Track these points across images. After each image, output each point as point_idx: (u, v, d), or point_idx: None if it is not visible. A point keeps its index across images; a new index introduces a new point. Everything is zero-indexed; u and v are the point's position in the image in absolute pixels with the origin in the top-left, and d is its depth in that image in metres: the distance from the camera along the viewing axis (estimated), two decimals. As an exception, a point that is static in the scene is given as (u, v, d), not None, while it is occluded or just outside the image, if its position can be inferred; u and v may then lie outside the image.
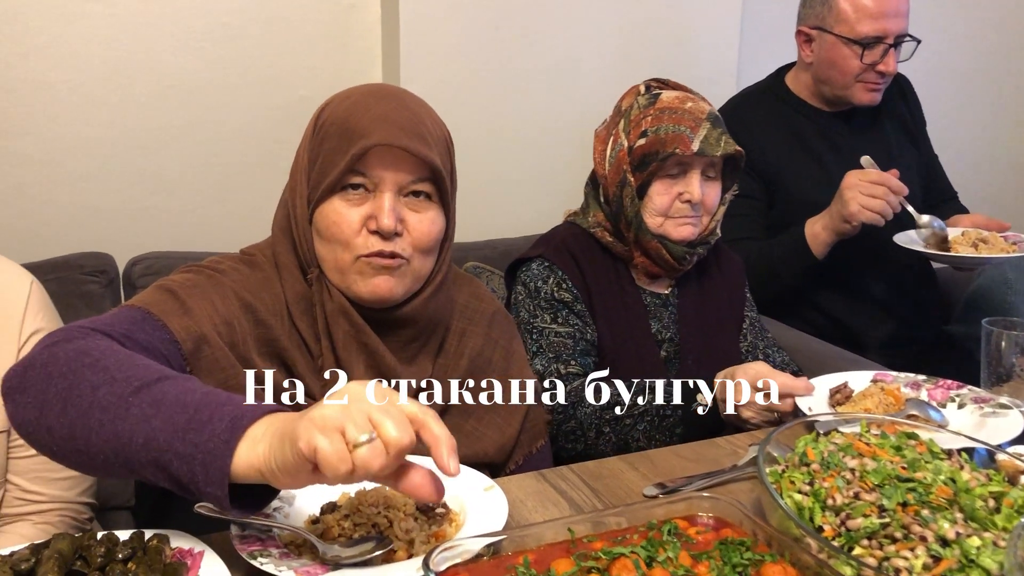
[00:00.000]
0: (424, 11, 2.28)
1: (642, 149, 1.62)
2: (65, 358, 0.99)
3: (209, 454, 0.87)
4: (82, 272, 1.92)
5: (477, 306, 1.43)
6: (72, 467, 1.01)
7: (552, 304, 1.64)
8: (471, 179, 2.42)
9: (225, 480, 0.87)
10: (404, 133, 1.19)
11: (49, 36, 2.09)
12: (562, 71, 2.48)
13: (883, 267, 2.27)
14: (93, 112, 2.16)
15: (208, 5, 2.21)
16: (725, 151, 1.61)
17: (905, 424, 1.22)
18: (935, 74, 3.05)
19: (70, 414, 0.94)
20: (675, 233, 1.64)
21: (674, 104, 1.63)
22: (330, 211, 1.21)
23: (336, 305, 1.23)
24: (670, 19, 2.56)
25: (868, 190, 1.97)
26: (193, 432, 0.89)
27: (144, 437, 0.90)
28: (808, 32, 2.25)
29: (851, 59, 2.17)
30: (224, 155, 2.30)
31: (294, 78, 2.32)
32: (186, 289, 1.18)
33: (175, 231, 2.27)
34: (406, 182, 1.21)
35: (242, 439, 0.88)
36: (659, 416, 1.50)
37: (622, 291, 1.70)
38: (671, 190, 1.63)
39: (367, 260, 1.20)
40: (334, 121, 1.23)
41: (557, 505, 1.17)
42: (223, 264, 1.27)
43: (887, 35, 2.15)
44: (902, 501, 0.99)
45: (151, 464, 0.90)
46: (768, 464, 1.10)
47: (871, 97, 2.23)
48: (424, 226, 1.23)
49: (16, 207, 2.14)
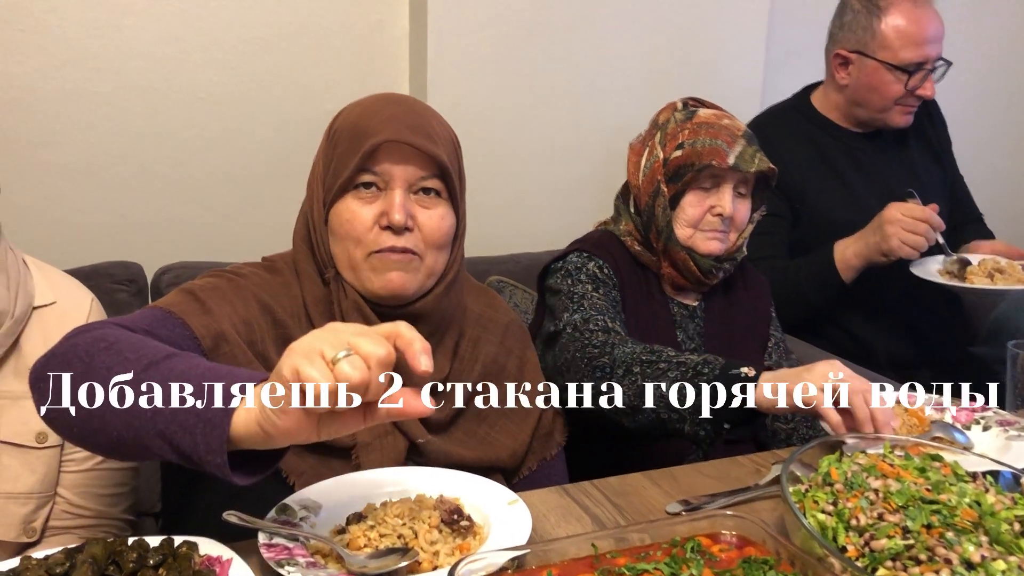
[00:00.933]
0: (451, 27, 2.31)
1: (678, 160, 1.64)
2: (83, 345, 1.03)
3: (208, 423, 0.91)
4: (112, 281, 1.95)
5: (492, 315, 1.47)
6: (92, 449, 1.05)
7: (594, 279, 1.64)
8: (496, 193, 2.45)
9: (223, 447, 0.90)
10: (411, 131, 1.25)
11: (83, 48, 2.13)
12: (588, 88, 2.49)
13: (907, 288, 2.26)
14: (124, 123, 2.20)
15: (239, 20, 2.24)
16: (759, 168, 1.62)
17: (929, 446, 1.22)
18: (961, 94, 3.05)
19: (88, 395, 0.98)
20: (703, 246, 1.65)
21: (711, 120, 1.66)
22: (343, 209, 1.27)
23: (351, 302, 1.28)
24: (695, 38, 2.57)
25: (910, 226, 1.96)
26: (196, 402, 0.92)
27: (152, 411, 0.94)
28: (846, 55, 2.24)
29: (893, 84, 2.18)
30: (252, 167, 2.33)
31: (322, 92, 2.34)
32: (206, 291, 1.24)
33: (203, 241, 2.30)
34: (415, 178, 1.26)
35: (239, 408, 0.90)
36: (694, 370, 1.37)
37: (651, 298, 1.71)
38: (703, 202, 1.65)
39: (380, 256, 1.25)
40: (346, 127, 1.29)
41: (580, 520, 1.17)
42: (244, 269, 1.33)
43: (928, 61, 2.16)
44: (926, 523, 0.99)
45: (158, 437, 0.93)
46: (791, 483, 1.11)
47: (906, 120, 2.25)
48: (434, 221, 1.28)
49: (48, 216, 2.18)
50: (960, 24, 3.02)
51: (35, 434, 1.33)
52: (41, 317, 1.38)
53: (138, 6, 2.15)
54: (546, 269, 1.73)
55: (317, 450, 1.22)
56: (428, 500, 1.10)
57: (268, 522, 1.05)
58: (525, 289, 2.17)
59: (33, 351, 1.35)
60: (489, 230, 2.46)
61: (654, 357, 1.42)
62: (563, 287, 1.63)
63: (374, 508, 1.09)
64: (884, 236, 1.98)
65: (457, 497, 1.12)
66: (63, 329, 1.36)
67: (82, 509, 1.38)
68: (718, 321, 1.75)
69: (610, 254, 1.69)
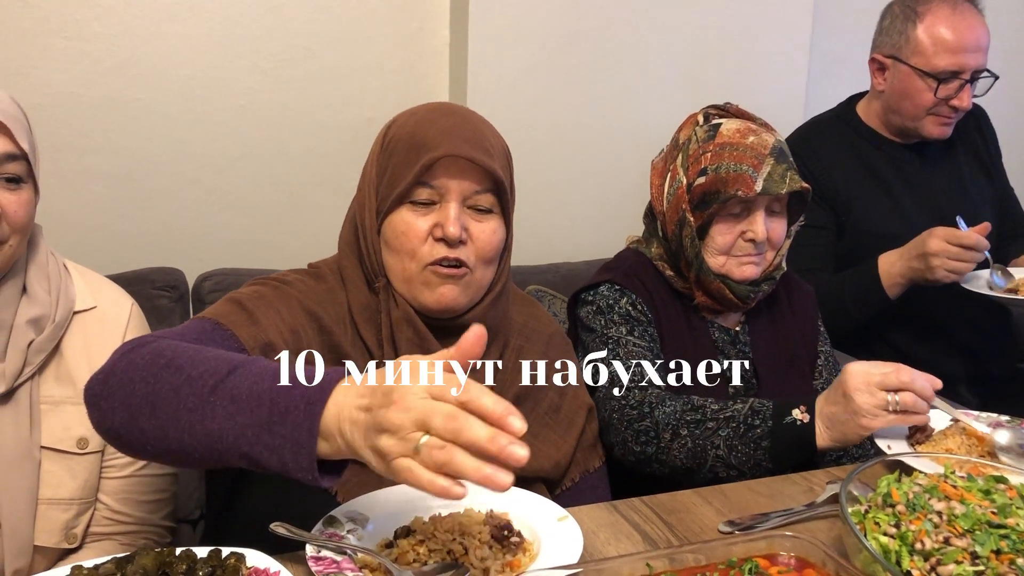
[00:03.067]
0: (492, 34, 2.30)
1: (702, 188, 1.55)
2: (143, 363, 1.03)
3: (296, 444, 0.93)
4: (153, 287, 1.95)
5: (535, 326, 1.46)
6: (162, 462, 1.07)
7: (627, 319, 1.57)
8: (535, 202, 2.44)
9: (314, 465, 0.92)
10: (469, 145, 1.24)
11: (127, 56, 2.14)
12: (629, 97, 2.47)
13: (954, 302, 2.21)
14: (167, 130, 2.21)
15: (280, 27, 2.25)
16: (791, 188, 1.52)
17: (991, 466, 1.19)
18: (1012, 104, 2.99)
19: (160, 416, 0.99)
20: (737, 273, 1.58)
21: (735, 139, 1.55)
22: (398, 221, 1.26)
23: (401, 313, 1.27)
24: (739, 47, 2.54)
25: (955, 255, 1.92)
26: (276, 424, 0.94)
27: (233, 435, 0.96)
28: (882, 60, 2.20)
29: (925, 92, 2.12)
30: (292, 174, 2.33)
31: (362, 100, 2.34)
32: (253, 301, 1.24)
33: (244, 248, 2.30)
34: (470, 192, 1.26)
35: (320, 429, 0.92)
36: (745, 424, 1.38)
37: (689, 324, 1.64)
38: (733, 229, 1.56)
39: (433, 269, 1.25)
40: (401, 137, 1.28)
41: (630, 538, 1.15)
42: (289, 276, 1.33)
43: (964, 70, 2.09)
44: (995, 548, 0.96)
45: (243, 458, 0.96)
46: (849, 503, 1.07)
47: (941, 131, 2.17)
48: (487, 235, 1.28)
49: (91, 222, 2.19)
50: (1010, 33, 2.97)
51: (76, 440, 1.33)
52: (82, 322, 1.38)
53: (181, 14, 2.16)
54: (576, 298, 1.66)
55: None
56: (477, 515, 1.08)
57: (315, 534, 1.04)
58: (564, 299, 2.15)
59: (74, 356, 1.35)
60: (529, 239, 2.44)
61: (699, 416, 1.40)
62: (596, 326, 1.58)
63: (423, 522, 1.07)
64: (929, 267, 1.94)
65: (506, 512, 1.10)
66: (104, 334, 1.37)
67: (123, 515, 1.38)
68: (764, 346, 1.66)
69: (643, 284, 1.62)
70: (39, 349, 1.31)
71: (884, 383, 1.29)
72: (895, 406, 1.29)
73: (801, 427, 1.34)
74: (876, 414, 1.28)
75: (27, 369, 1.30)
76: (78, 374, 1.33)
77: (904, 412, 1.29)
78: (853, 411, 1.29)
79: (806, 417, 1.34)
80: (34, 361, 1.30)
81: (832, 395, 1.34)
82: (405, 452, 0.85)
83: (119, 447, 1.07)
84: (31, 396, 1.30)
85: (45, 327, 1.32)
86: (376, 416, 0.88)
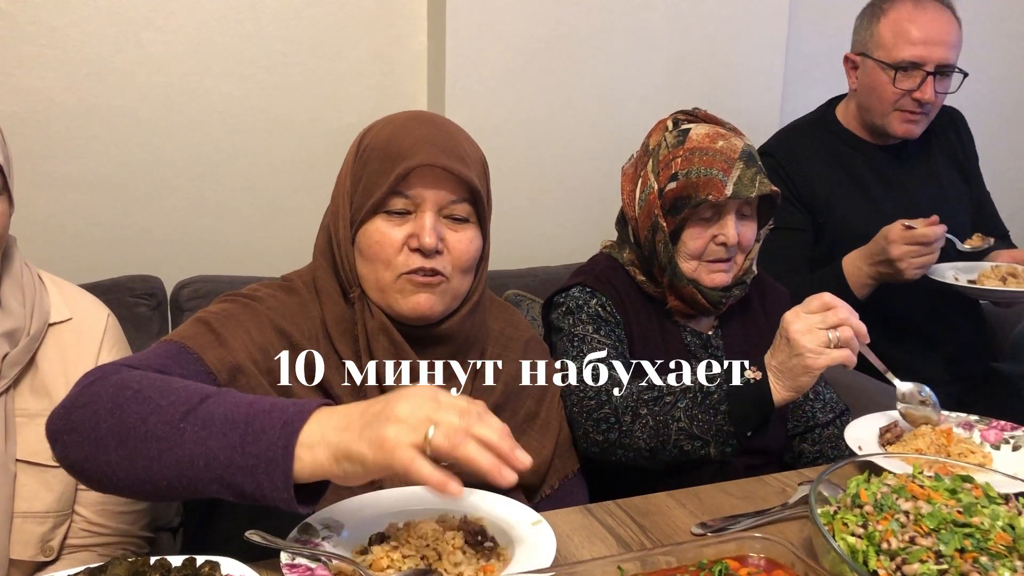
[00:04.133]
0: (469, 41, 2.31)
1: (673, 193, 1.57)
2: (107, 395, 1.02)
3: (271, 462, 0.93)
4: (131, 295, 1.95)
5: (513, 333, 1.47)
6: (133, 496, 1.05)
7: (595, 319, 1.58)
8: (513, 207, 2.45)
9: (290, 484, 0.93)
10: (444, 154, 1.24)
11: (102, 63, 2.14)
12: (605, 102, 2.49)
13: (927, 303, 2.24)
14: (144, 137, 2.21)
15: (258, 34, 2.25)
16: (760, 191, 1.54)
17: (959, 466, 1.20)
18: (988, 110, 3.02)
19: (127, 447, 0.98)
20: (708, 281, 1.59)
21: (704, 143, 1.57)
22: (373, 231, 1.25)
23: (377, 323, 1.26)
24: (714, 51, 2.56)
25: (917, 253, 1.95)
26: (250, 444, 0.94)
27: (205, 459, 0.95)
28: (853, 58, 2.24)
29: (887, 85, 2.14)
30: (271, 180, 2.34)
31: (341, 106, 2.35)
32: (221, 320, 1.22)
33: (223, 255, 2.30)
34: (446, 202, 1.26)
35: (298, 444, 0.94)
36: (702, 392, 1.38)
37: (661, 328, 1.65)
38: (705, 233, 1.58)
39: (408, 278, 1.24)
40: (376, 145, 1.27)
41: (604, 541, 1.16)
42: (260, 292, 1.31)
43: (925, 62, 2.11)
44: (959, 547, 0.97)
45: (215, 482, 0.95)
46: (819, 504, 1.09)
47: (907, 129, 2.18)
48: (463, 244, 1.28)
49: (67, 230, 2.19)
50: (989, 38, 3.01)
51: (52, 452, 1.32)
52: (57, 333, 1.37)
53: (158, 21, 2.16)
54: (550, 302, 1.68)
55: None
56: (452, 520, 1.09)
57: (290, 542, 1.05)
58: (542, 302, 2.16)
59: (49, 368, 1.34)
60: (507, 244, 2.45)
61: (656, 393, 1.41)
62: (564, 325, 1.59)
63: (397, 528, 1.08)
64: (898, 271, 1.98)
65: (481, 517, 1.11)
66: (80, 346, 1.37)
67: (100, 527, 1.37)
68: (737, 349, 1.67)
69: (614, 288, 1.63)
70: (14, 362, 1.30)
71: (824, 321, 1.30)
72: (836, 342, 1.29)
73: (755, 385, 1.34)
74: (820, 352, 1.28)
75: (2, 382, 1.29)
76: (54, 386, 1.33)
77: (847, 347, 1.30)
78: (798, 354, 1.29)
79: (758, 375, 1.35)
80: (9, 374, 1.29)
81: (776, 345, 1.35)
82: (414, 441, 0.90)
83: (85, 482, 1.04)
84: (6, 409, 1.29)
85: (20, 340, 1.31)
86: (385, 409, 0.92)
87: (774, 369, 1.34)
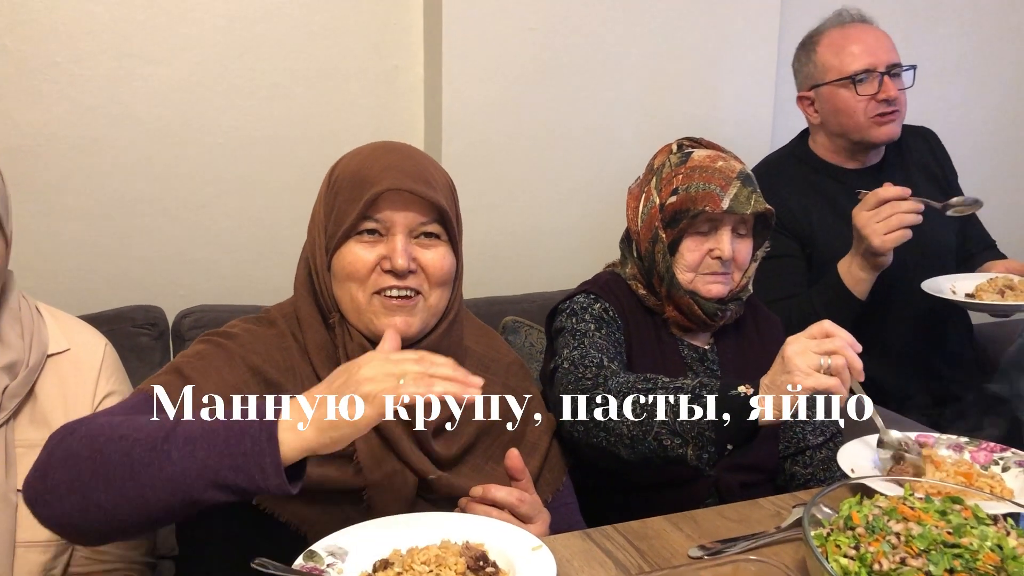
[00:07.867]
0: (465, 71, 2.35)
1: (673, 206, 1.64)
2: (81, 446, 1.05)
3: (259, 454, 0.99)
4: (133, 325, 1.97)
5: (495, 356, 1.50)
6: (127, 535, 1.10)
7: (598, 320, 1.63)
8: (511, 234, 2.48)
9: (281, 470, 1.00)
10: (410, 178, 1.29)
11: (103, 96, 2.18)
12: (601, 129, 2.53)
13: (919, 324, 2.27)
14: (144, 168, 2.24)
15: (258, 66, 2.29)
16: (755, 209, 1.61)
17: (949, 488, 1.23)
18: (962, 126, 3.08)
19: (116, 485, 1.01)
20: (704, 291, 1.65)
21: (705, 163, 1.65)
22: (346, 253, 1.30)
23: (356, 345, 1.30)
24: (706, 79, 2.61)
25: (879, 217, 1.96)
26: (235, 444, 1.00)
27: (197, 469, 1.00)
28: (807, 95, 2.32)
29: (852, 99, 2.21)
30: (271, 210, 2.37)
31: (340, 136, 2.38)
32: (194, 364, 1.26)
33: (224, 284, 2.33)
34: (416, 224, 1.30)
35: (280, 430, 1.01)
36: (692, 393, 1.37)
37: (659, 340, 1.71)
38: (701, 247, 1.65)
39: (382, 300, 1.29)
40: (345, 176, 1.33)
41: (603, 565, 1.18)
42: (236, 328, 1.35)
43: (875, 66, 2.19)
44: (949, 567, 1.00)
45: (211, 487, 1.00)
46: (813, 526, 1.11)
47: (889, 131, 2.23)
48: (437, 260, 1.32)
49: (69, 261, 2.22)
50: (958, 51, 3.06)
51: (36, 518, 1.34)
52: (56, 364, 1.39)
53: (159, 55, 2.20)
54: (554, 310, 1.74)
55: (326, 496, 1.24)
56: (454, 546, 1.11)
57: (296, 569, 1.06)
58: (540, 329, 2.19)
59: (48, 399, 1.36)
60: (504, 271, 2.49)
61: (650, 384, 1.43)
62: (567, 325, 1.64)
63: (400, 554, 1.10)
64: (866, 242, 1.98)
65: (482, 543, 1.13)
66: (78, 376, 1.38)
67: (102, 554, 1.38)
68: (732, 365, 1.73)
69: (616, 297, 1.70)
70: (13, 394, 1.31)
71: (820, 346, 1.31)
72: (827, 368, 1.30)
73: (744, 399, 1.34)
74: (808, 373, 1.28)
75: (2, 414, 1.30)
76: (53, 417, 1.34)
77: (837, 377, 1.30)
78: (788, 371, 1.30)
79: (750, 390, 1.35)
80: (8, 406, 1.31)
81: (773, 367, 1.35)
82: (391, 391, 1.02)
83: (75, 537, 1.07)
84: (6, 440, 1.31)
85: (19, 372, 1.32)
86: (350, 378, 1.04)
87: (765, 387, 1.36)
